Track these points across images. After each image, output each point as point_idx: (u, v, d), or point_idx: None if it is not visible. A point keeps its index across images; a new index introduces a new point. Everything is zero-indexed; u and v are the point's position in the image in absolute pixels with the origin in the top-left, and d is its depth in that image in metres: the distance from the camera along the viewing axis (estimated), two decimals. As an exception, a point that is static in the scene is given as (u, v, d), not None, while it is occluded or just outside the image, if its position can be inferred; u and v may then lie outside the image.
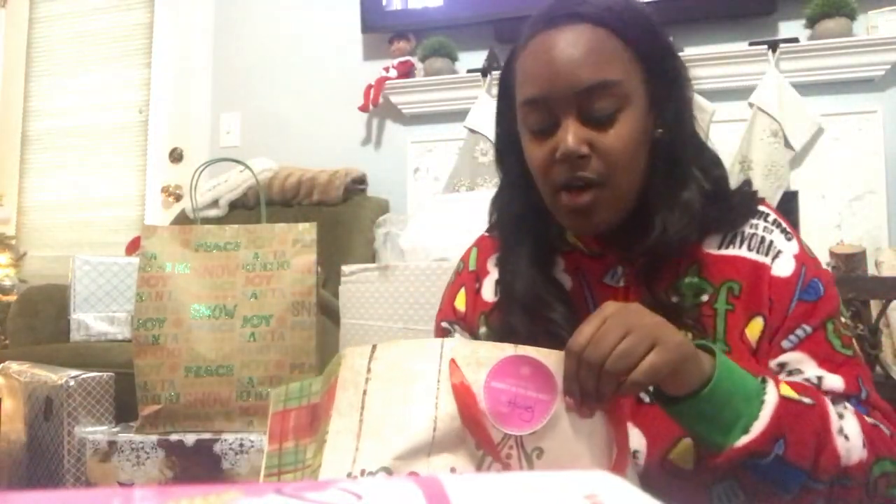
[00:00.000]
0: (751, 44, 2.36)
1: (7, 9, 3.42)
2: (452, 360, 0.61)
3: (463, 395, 0.60)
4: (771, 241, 0.79)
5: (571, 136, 0.74)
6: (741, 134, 2.32)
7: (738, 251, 0.79)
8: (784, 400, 0.67)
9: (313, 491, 0.23)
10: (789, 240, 0.79)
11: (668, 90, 0.79)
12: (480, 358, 0.62)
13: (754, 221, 0.80)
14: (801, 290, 0.76)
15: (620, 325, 0.62)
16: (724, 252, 0.79)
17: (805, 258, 0.78)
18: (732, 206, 0.81)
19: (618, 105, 0.75)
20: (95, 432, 1.40)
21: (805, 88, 2.34)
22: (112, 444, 1.35)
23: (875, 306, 1.51)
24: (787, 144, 2.29)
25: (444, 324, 0.93)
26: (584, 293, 0.83)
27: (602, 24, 0.75)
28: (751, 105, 2.32)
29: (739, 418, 0.66)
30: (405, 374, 0.62)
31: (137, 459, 1.34)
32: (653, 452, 0.75)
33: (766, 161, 2.26)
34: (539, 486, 0.25)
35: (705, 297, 0.78)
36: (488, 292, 0.89)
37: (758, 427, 0.65)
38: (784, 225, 0.81)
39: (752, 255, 0.78)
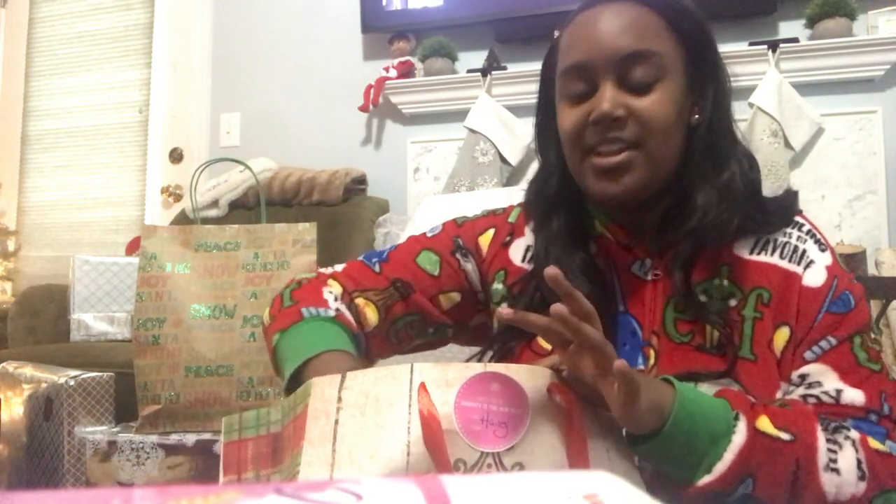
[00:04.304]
0: (751, 44, 2.36)
1: (7, 9, 3.41)
2: (422, 385, 0.61)
3: (428, 422, 0.59)
4: (804, 251, 0.78)
5: (608, 98, 0.75)
6: (741, 134, 2.32)
7: (769, 258, 0.78)
8: (756, 438, 0.65)
9: (313, 491, 0.23)
10: (823, 251, 0.78)
11: (707, 78, 0.80)
12: (449, 378, 0.61)
13: (789, 230, 0.80)
14: (831, 302, 0.75)
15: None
16: (755, 258, 0.79)
17: (838, 270, 0.77)
18: (768, 210, 0.80)
19: (656, 76, 0.75)
20: (95, 432, 1.40)
21: (805, 88, 2.33)
22: (112, 444, 1.35)
23: (875, 306, 1.51)
24: (787, 144, 2.29)
25: (459, 240, 0.90)
26: (612, 280, 0.82)
27: (647, 4, 0.77)
28: (751, 105, 2.32)
29: (703, 458, 0.65)
30: (376, 402, 0.61)
31: (137, 459, 1.34)
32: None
33: (766, 161, 2.26)
34: (539, 486, 0.25)
35: (733, 302, 0.77)
36: (516, 253, 0.88)
37: (720, 468, 0.64)
38: (819, 236, 0.80)
39: (784, 264, 0.77)
